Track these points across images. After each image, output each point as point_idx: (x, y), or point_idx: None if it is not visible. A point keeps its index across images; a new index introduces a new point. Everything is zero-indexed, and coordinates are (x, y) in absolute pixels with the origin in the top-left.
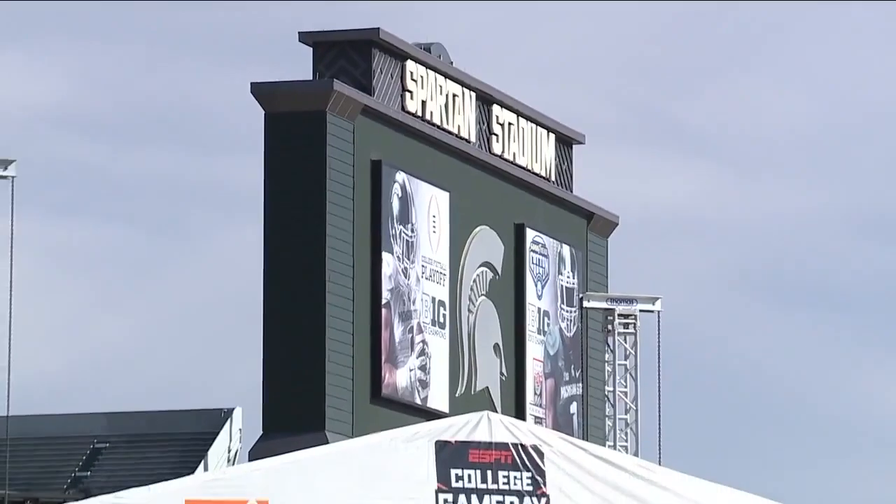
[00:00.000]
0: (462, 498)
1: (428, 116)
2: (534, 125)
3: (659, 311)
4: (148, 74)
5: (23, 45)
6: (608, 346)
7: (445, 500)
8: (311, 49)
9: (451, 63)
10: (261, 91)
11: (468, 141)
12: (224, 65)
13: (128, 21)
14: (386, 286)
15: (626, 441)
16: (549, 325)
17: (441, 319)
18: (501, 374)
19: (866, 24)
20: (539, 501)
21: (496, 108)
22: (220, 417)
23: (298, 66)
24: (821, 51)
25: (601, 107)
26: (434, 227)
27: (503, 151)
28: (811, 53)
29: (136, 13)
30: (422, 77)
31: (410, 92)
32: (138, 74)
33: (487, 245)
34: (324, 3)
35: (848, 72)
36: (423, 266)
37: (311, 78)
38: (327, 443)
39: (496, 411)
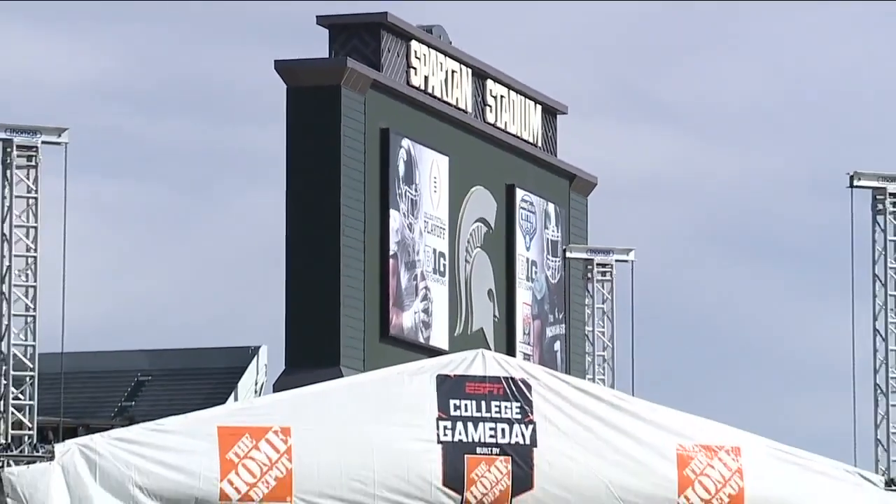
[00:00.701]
0: (459, 425)
1: (430, 90)
2: (522, 97)
3: (632, 261)
4: (183, 53)
5: (74, 28)
6: (588, 291)
7: (445, 427)
8: (327, 31)
9: (451, 43)
10: (283, 68)
11: (465, 111)
12: (250, 44)
13: (166, 7)
14: (393, 239)
15: (604, 375)
16: (536, 273)
17: (441, 268)
18: (494, 316)
19: (815, 11)
20: (527, 428)
21: (489, 83)
22: (248, 354)
23: (316, 45)
24: (776, 33)
25: (582, 81)
26: (435, 187)
27: (496, 121)
28: (768, 36)
29: (174, 2)
30: (424, 55)
31: (414, 68)
32: (174, 53)
33: (482, 203)
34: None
35: (798, 53)
36: (425, 221)
37: (327, 56)
38: (342, 376)
39: (490, 349)
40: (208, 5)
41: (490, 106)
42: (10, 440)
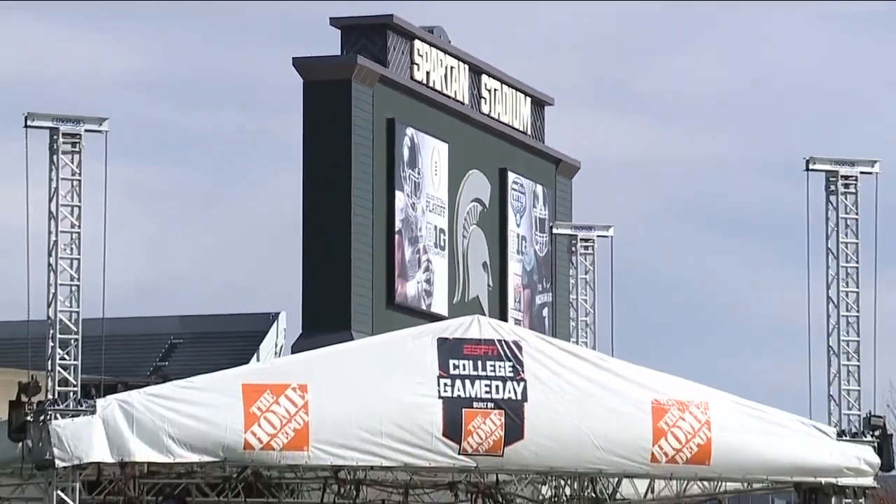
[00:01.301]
0: (458, 382)
1: (431, 84)
2: (513, 90)
3: (612, 237)
4: (211, 51)
5: (115, 28)
6: (572, 264)
7: (445, 384)
8: (339, 31)
9: (450, 42)
10: (300, 64)
11: (462, 103)
12: (271, 44)
13: (196, 10)
14: (398, 217)
15: (586, 338)
16: (525, 247)
17: (441, 243)
18: (489, 285)
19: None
20: (518, 385)
21: (484, 77)
22: (268, 319)
23: (329, 44)
24: (741, 34)
25: (567, 76)
26: (436, 170)
27: (490, 111)
28: (733, 35)
29: (204, 4)
30: (426, 53)
31: (417, 65)
32: (203, 51)
33: (477, 185)
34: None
35: (761, 51)
36: (427, 201)
37: (339, 54)
38: (353, 339)
39: (484, 315)
40: (233, 7)
41: (485, 98)
42: (56, 396)
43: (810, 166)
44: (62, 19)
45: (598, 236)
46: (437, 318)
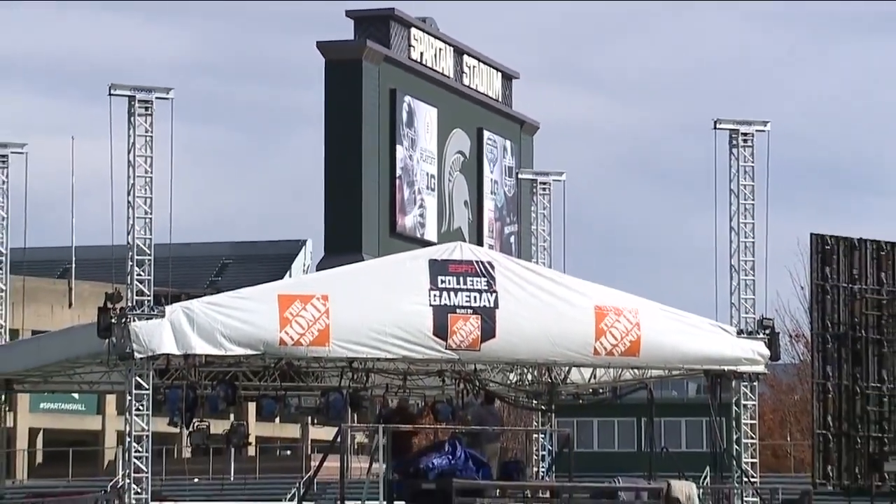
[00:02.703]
0: (444, 294)
1: (424, 62)
2: (488, 67)
3: (564, 181)
4: (251, 38)
5: (176, 21)
6: (533, 202)
7: (434, 295)
8: (353, 21)
9: (439, 29)
10: (322, 47)
11: (448, 77)
12: (299, 31)
13: (239, 7)
14: (398, 165)
15: (545, 260)
16: (497, 189)
17: (432, 186)
18: (469, 219)
19: (687, 13)
20: (491, 296)
21: (465, 57)
22: (298, 245)
23: (345, 31)
24: (670, 22)
25: (530, 55)
26: (427, 129)
27: (469, 83)
28: (665, 24)
29: (245, 3)
30: (420, 38)
31: (413, 47)
32: (245, 38)
33: (460, 140)
34: None
35: (686, 36)
36: (420, 153)
37: (352, 39)
38: (363, 260)
39: (465, 241)
40: (269, 4)
41: (465, 73)
42: (134, 304)
43: (717, 126)
44: (139, 16)
45: (553, 180)
46: (428, 243)
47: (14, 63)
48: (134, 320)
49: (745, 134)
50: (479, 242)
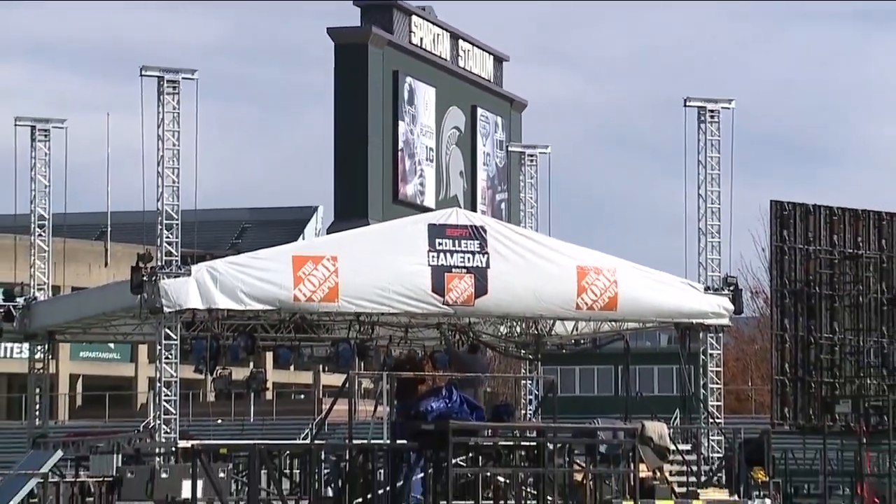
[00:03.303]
0: (441, 255)
1: (424, 46)
2: (481, 50)
3: (549, 153)
4: (269, 24)
5: (200, 9)
6: (521, 172)
7: (433, 256)
8: (360, 9)
9: (437, 16)
10: (332, 32)
11: (445, 60)
12: (312, 18)
13: None
14: (401, 139)
15: (532, 224)
16: (489, 160)
17: (430, 157)
18: (464, 187)
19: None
20: (483, 257)
21: (461, 42)
22: (311, 211)
23: (352, 18)
24: (638, 13)
25: (518, 41)
26: (426, 107)
27: (464, 65)
28: (633, 14)
29: None
30: (420, 24)
31: (414, 33)
32: (263, 24)
33: (456, 117)
34: None
35: (658, 23)
36: (420, 128)
37: (359, 25)
38: (369, 224)
39: (461, 207)
40: None
41: (461, 56)
42: (163, 263)
43: (687, 104)
44: (168, 5)
45: (539, 153)
46: (427, 209)
47: (55, 46)
48: (163, 278)
49: (711, 110)
50: (473, 208)
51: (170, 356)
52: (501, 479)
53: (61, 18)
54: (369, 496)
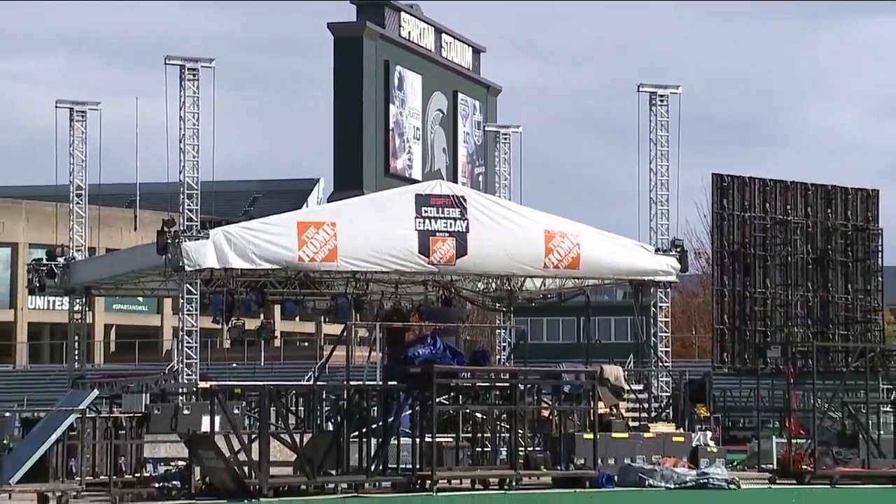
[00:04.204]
0: (427, 221)
1: (411, 39)
2: (461, 43)
3: (521, 132)
4: (276, 20)
5: (207, 3)
6: (496, 149)
7: (419, 222)
8: (355, 7)
9: (423, 13)
10: (332, 27)
11: (430, 51)
12: (314, 14)
13: None
14: (392, 120)
15: (506, 194)
16: (468, 138)
17: (417, 136)
18: (446, 162)
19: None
20: (463, 222)
21: (443, 35)
22: (313, 182)
23: (349, 14)
24: (602, 11)
25: (494, 34)
26: (413, 92)
27: (446, 55)
28: (597, 11)
29: None
30: (408, 20)
31: (403, 27)
32: (271, 20)
33: (439, 101)
34: None
35: (611, 20)
36: (408, 110)
37: (355, 20)
38: (364, 195)
39: (444, 180)
40: None
41: (443, 48)
42: (185, 228)
43: (640, 89)
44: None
45: (512, 132)
46: (414, 181)
47: (90, 39)
48: (185, 241)
49: (661, 95)
50: (454, 181)
51: (191, 308)
52: (479, 415)
53: (95, 15)
54: (364, 430)
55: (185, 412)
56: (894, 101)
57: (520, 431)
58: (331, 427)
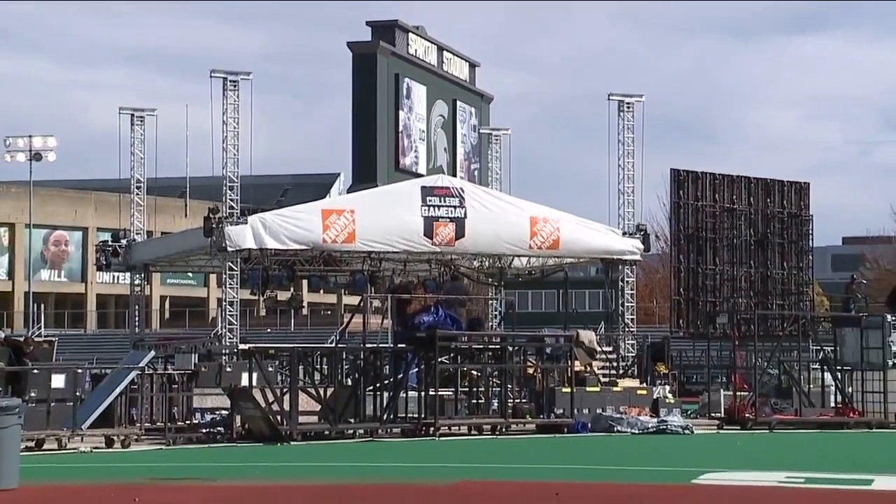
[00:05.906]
0: (431, 208)
1: (417, 56)
2: (459, 58)
3: (510, 134)
4: (303, 38)
5: (247, 24)
6: (489, 148)
7: (424, 209)
8: (371, 28)
9: (427, 33)
10: (351, 45)
11: (433, 65)
12: (336, 33)
13: (292, 12)
14: (401, 123)
15: (498, 187)
16: (466, 140)
17: (422, 137)
18: (447, 159)
19: (585, 13)
20: (462, 210)
21: (444, 52)
22: (334, 176)
23: (365, 34)
24: (574, 27)
25: (487, 51)
26: (419, 100)
27: (447, 69)
28: (571, 28)
29: (298, 11)
30: (415, 39)
31: (410, 45)
32: (298, 38)
33: (441, 108)
34: (377, 6)
35: (584, 36)
36: (415, 115)
37: (370, 40)
38: (377, 187)
39: (445, 174)
40: (313, 13)
41: (444, 63)
42: (227, 214)
43: (610, 97)
44: (217, 20)
45: (503, 134)
46: (420, 176)
47: (147, 54)
48: (227, 226)
49: (628, 102)
50: (454, 175)
51: (232, 283)
52: (474, 372)
53: (151, 33)
54: (378, 385)
55: (228, 370)
56: (822, 106)
57: (509, 386)
58: (350, 382)
